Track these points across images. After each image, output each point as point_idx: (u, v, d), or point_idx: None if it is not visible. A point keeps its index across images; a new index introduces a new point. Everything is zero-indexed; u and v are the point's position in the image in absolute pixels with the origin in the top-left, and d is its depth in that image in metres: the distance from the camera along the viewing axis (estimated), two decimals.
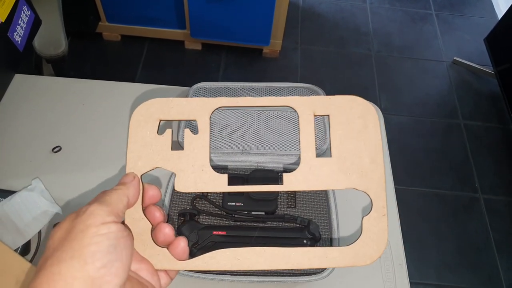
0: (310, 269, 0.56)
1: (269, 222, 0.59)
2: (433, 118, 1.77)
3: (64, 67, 1.03)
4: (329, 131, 0.35)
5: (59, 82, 0.76)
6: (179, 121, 0.68)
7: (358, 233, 0.33)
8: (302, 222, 0.59)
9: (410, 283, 0.60)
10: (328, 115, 0.35)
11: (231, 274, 0.55)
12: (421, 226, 1.48)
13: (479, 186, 1.58)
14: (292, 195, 0.63)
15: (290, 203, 0.62)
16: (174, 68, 1.81)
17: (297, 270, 0.56)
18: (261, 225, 0.59)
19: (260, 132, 0.67)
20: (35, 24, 0.79)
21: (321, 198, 0.62)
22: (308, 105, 0.35)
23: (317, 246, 0.57)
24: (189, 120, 0.37)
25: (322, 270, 0.56)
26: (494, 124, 1.77)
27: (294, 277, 0.55)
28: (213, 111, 0.35)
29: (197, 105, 0.35)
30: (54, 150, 0.67)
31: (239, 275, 0.55)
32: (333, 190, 0.62)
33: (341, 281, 0.58)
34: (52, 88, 0.75)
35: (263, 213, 0.59)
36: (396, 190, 0.68)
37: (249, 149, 0.64)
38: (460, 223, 1.49)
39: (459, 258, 1.42)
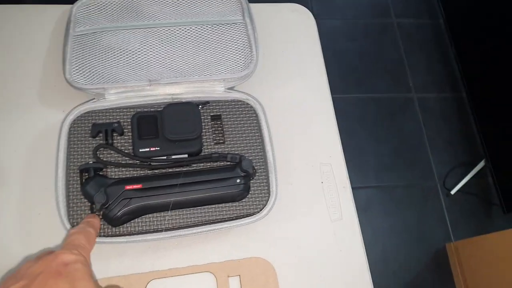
0: (247, 211, 0.49)
1: (195, 165, 0.50)
2: (366, 19, 1.70)
3: None
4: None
5: None
6: (64, 56, 0.53)
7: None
8: (233, 159, 0.50)
9: (352, 188, 0.56)
10: (239, 275, 0.48)
11: (155, 232, 0.47)
12: (359, 132, 1.49)
13: (413, 86, 1.59)
14: (220, 129, 0.53)
15: (217, 138, 0.52)
16: None
17: (232, 214, 0.49)
18: (184, 169, 0.49)
19: (170, 55, 0.54)
20: None
21: (252, 128, 0.53)
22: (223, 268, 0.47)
23: (251, 183, 0.50)
24: None
25: (260, 210, 0.49)
26: (425, 20, 1.73)
27: (229, 222, 0.48)
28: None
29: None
30: None
31: (166, 230, 0.47)
32: (265, 119, 0.53)
33: (282, 218, 0.52)
34: None
35: (186, 155, 0.49)
36: (333, 99, 0.61)
37: (158, 79, 0.52)
38: (396, 125, 1.52)
39: (396, 158, 1.46)
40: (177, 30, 0.56)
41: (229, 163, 0.50)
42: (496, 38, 1.37)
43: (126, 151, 0.49)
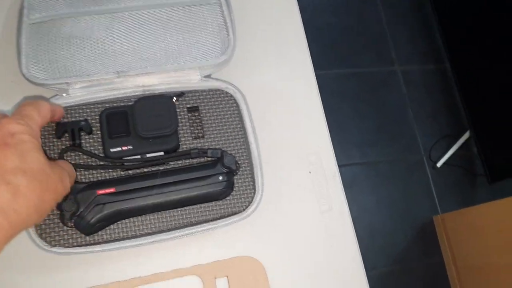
0: (232, 210, 0.46)
1: (172, 163, 0.46)
2: None
3: None
4: None
5: None
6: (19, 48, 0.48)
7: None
8: (214, 154, 0.46)
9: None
10: (227, 276, 0.45)
11: (133, 237, 0.43)
12: (342, 108, 1.46)
13: (396, 58, 1.56)
14: (198, 121, 0.49)
15: (196, 132, 0.48)
16: None
17: (216, 214, 0.46)
18: (161, 169, 0.46)
19: (139, 42, 0.49)
20: None
21: (233, 119, 0.49)
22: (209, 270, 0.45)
23: (235, 179, 0.47)
24: None
25: (246, 207, 0.46)
26: None
27: (213, 222, 0.45)
28: None
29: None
30: None
31: (145, 235, 0.44)
32: (247, 108, 0.49)
33: (269, 213, 0.49)
34: None
35: (162, 153, 0.45)
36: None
37: (127, 70, 0.47)
38: (379, 99, 1.50)
39: (380, 133, 1.45)
40: (146, 14, 0.50)
41: (210, 159, 0.47)
42: (480, 8, 1.34)
43: (95, 152, 0.45)
